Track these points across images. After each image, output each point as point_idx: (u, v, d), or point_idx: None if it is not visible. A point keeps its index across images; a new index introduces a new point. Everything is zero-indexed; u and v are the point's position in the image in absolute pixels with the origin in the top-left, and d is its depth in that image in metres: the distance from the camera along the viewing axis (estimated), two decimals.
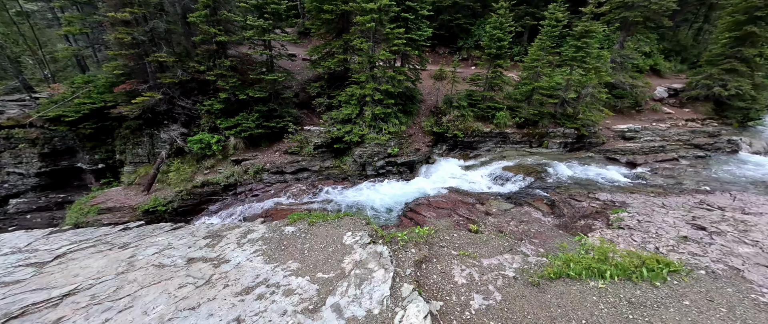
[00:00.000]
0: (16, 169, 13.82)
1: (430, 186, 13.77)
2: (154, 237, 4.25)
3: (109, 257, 3.80)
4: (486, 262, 4.65)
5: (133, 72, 13.90)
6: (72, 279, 3.31)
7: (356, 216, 5.47)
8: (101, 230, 4.51)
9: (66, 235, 4.42)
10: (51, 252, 3.88)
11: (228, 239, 4.07)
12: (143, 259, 3.64)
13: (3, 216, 13.89)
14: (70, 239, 4.31)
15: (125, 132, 14.84)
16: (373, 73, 14.50)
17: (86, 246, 4.05)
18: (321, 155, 14.57)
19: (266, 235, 4.15)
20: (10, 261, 3.62)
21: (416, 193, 13.09)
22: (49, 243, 4.25)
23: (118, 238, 4.25)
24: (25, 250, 4.04)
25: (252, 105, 14.69)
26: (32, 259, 3.78)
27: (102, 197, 13.28)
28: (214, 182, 13.24)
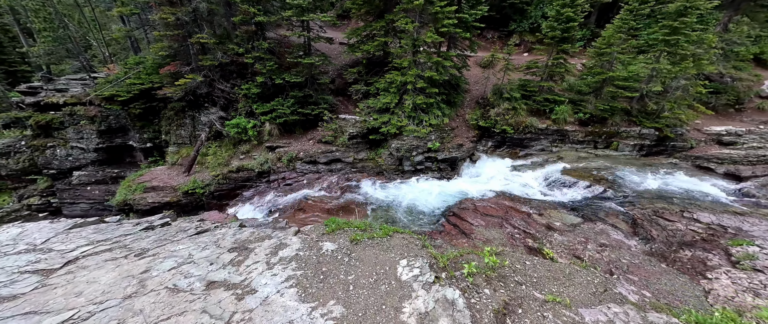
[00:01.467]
0: (78, 144, 14.88)
1: (473, 187, 12.30)
2: (175, 243, 3.50)
3: (121, 269, 3.03)
4: (588, 316, 3.34)
5: (177, 54, 14.02)
6: (72, 300, 2.54)
7: (407, 233, 4.43)
8: (123, 228, 3.93)
9: (86, 231, 3.90)
10: (63, 255, 3.31)
11: (256, 255, 3.19)
12: (157, 276, 2.79)
13: (68, 187, 15.17)
14: (88, 238, 3.76)
15: (169, 113, 15.23)
16: (416, 58, 13.09)
17: (102, 249, 3.45)
18: (355, 146, 13.72)
19: (301, 253, 3.23)
20: (20, 263, 3.11)
21: (459, 194, 11.73)
22: (67, 241, 3.71)
23: (138, 242, 3.57)
24: (40, 249, 3.50)
25: (288, 90, 14.17)
26: (41, 264, 3.17)
27: (148, 175, 13.81)
28: (248, 168, 13.07)
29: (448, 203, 11.09)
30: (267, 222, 7.72)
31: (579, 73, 16.80)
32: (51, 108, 14.60)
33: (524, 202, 10.45)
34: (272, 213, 11.39)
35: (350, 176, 12.79)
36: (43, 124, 14.56)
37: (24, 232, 3.86)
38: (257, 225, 6.59)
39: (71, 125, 14.74)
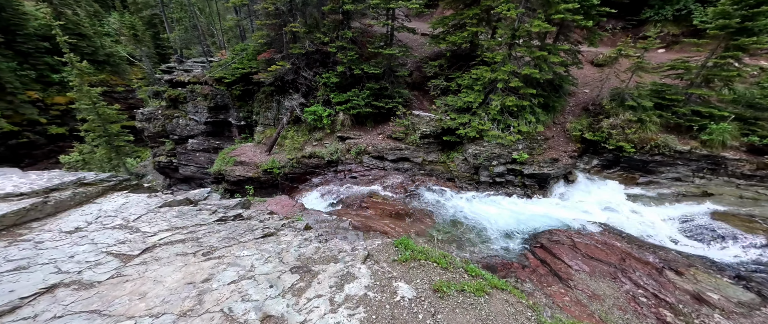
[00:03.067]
0: (194, 117, 17.82)
1: (567, 214, 9.90)
2: (240, 247, 3.12)
3: (186, 270, 2.64)
4: None
5: (273, 42, 15.22)
6: (134, 304, 2.19)
7: (509, 290, 3.28)
8: (200, 216, 3.83)
9: (171, 213, 3.92)
10: (145, 239, 3.24)
11: (319, 284, 2.54)
12: (216, 291, 2.31)
13: (183, 151, 18.44)
14: (170, 222, 3.73)
15: (261, 96, 16.83)
16: (512, 51, 11.09)
17: (177, 239, 3.30)
18: (426, 146, 12.65)
19: (371, 295, 2.48)
20: (110, 241, 3.12)
21: (546, 219, 9.59)
22: (153, 222, 3.72)
23: (209, 236, 3.30)
24: (130, 228, 3.52)
25: (364, 81, 13.94)
26: (125, 247, 3.08)
27: (239, 150, 15.58)
28: (319, 155, 13.41)
29: (533, 229, 9.12)
30: (330, 220, 7.43)
31: (755, 78, 11.92)
32: (179, 85, 17.78)
33: (648, 250, 7.75)
34: (336, 204, 11.38)
35: (417, 179, 11.85)
36: (173, 98, 17.88)
37: (126, 204, 4.13)
38: (322, 229, 6.27)
39: (191, 100, 17.69)
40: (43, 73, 29.40)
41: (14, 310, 2.29)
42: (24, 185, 3.86)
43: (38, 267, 2.77)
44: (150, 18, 30.99)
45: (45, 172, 4.49)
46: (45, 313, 2.31)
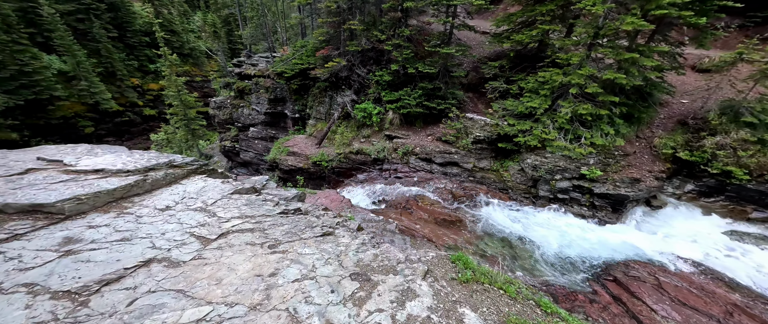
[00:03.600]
0: (256, 107, 19.42)
1: (649, 245, 8.40)
2: (302, 244, 3.15)
3: (255, 261, 2.72)
4: None
5: (331, 39, 15.74)
6: (212, 290, 2.33)
7: None
8: (265, 207, 3.98)
9: (241, 201, 4.14)
10: (220, 225, 3.43)
11: (380, 296, 2.39)
12: (282, 287, 2.39)
13: (245, 138, 20.26)
14: (240, 209, 3.92)
15: (315, 91, 17.59)
16: (593, 52, 9.73)
17: (247, 228, 3.43)
18: (478, 152, 11.88)
19: (434, 318, 2.31)
20: (192, 222, 3.35)
21: (622, 249, 8.25)
22: (227, 207, 3.93)
23: (273, 228, 3.38)
24: (208, 211, 3.76)
25: (417, 81, 13.62)
26: (204, 230, 3.27)
27: (292, 141, 16.55)
28: (366, 152, 13.53)
29: (602, 258, 7.91)
30: (377, 220, 7.35)
31: None
32: (246, 78, 19.51)
33: (765, 301, 6.14)
34: (379, 202, 11.35)
35: (466, 186, 11.19)
36: (240, 89, 19.71)
37: (205, 188, 4.50)
38: (370, 228, 6.21)
39: (254, 92, 19.30)
40: (143, 64, 35.02)
41: (120, 279, 2.57)
42: (130, 163, 4.47)
43: (138, 240, 3.12)
44: (226, 16, 34.70)
45: (145, 153, 5.15)
46: (142, 285, 2.55)
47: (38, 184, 3.55)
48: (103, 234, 3.14)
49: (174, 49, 33.55)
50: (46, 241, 2.90)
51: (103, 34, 29.60)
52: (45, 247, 2.81)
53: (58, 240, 2.95)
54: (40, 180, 3.68)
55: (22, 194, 3.33)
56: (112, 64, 30.94)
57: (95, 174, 4.08)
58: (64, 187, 3.56)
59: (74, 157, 4.39)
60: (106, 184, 3.91)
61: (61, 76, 26.62)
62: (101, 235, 3.11)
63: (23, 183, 3.56)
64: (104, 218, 3.44)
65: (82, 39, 28.45)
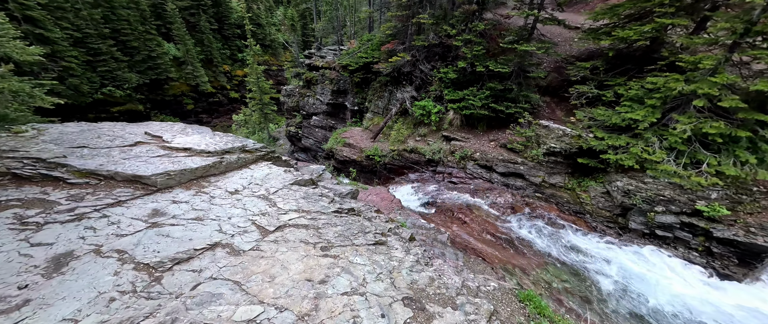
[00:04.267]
0: (320, 97, 20.47)
1: None
2: (354, 252, 2.95)
3: (307, 263, 2.56)
4: None
5: (398, 33, 15.48)
6: (265, 288, 2.44)
7: None
8: (321, 203, 3.90)
9: (299, 193, 4.15)
10: (279, 216, 3.44)
11: None
12: (331, 299, 2.35)
13: (307, 125, 21.62)
14: (297, 202, 3.92)
15: (376, 85, 17.64)
16: (736, 54, 7.39)
17: (302, 223, 3.38)
18: (550, 165, 10.32)
19: None
20: (254, 210, 3.40)
21: (748, 318, 6.18)
22: (286, 198, 3.98)
23: (327, 228, 3.24)
24: (269, 200, 3.83)
25: (485, 80, 12.45)
26: (264, 220, 3.30)
27: (349, 133, 16.98)
28: (420, 152, 13.03)
29: None
30: (428, 227, 6.88)
31: None
32: (314, 69, 20.65)
33: None
34: (429, 205, 10.81)
35: (532, 203, 9.84)
36: (308, 80, 21.00)
37: (269, 175, 4.65)
38: (420, 235, 5.79)
39: (320, 83, 20.33)
40: (234, 52, 40.28)
41: (189, 259, 2.71)
42: (211, 145, 4.91)
43: (209, 221, 3.31)
44: (303, 11, 37.42)
45: (224, 136, 5.64)
46: (205, 270, 2.63)
47: (141, 157, 4.08)
48: (182, 210, 3.40)
49: (258, 41, 37.76)
50: (139, 210, 3.26)
51: (207, 26, 34.81)
52: (138, 216, 3.13)
53: (148, 211, 3.29)
54: (144, 153, 4.23)
55: (129, 165, 3.84)
56: (211, 52, 36.33)
57: (184, 152, 4.55)
58: (159, 162, 4.02)
59: (171, 134, 4.98)
60: (191, 162, 4.31)
61: (174, 61, 32.33)
62: (181, 211, 3.37)
63: (131, 154, 4.13)
64: (185, 195, 3.77)
65: (192, 30, 33.95)
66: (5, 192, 3.30)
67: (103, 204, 3.26)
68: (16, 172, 3.53)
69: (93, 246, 2.65)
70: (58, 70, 21.76)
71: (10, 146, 3.98)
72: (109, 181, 3.68)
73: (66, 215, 3.04)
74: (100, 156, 3.96)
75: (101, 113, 26.66)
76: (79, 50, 23.63)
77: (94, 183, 3.63)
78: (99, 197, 3.35)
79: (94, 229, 2.93)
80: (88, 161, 3.81)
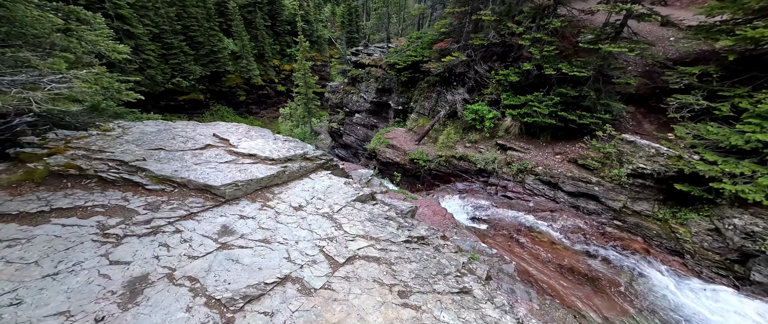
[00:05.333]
0: (363, 95, 20.17)
1: None
2: (437, 303, 2.47)
3: (386, 314, 2.42)
4: None
5: (453, 31, 14.39)
6: None
7: None
8: (389, 228, 3.46)
9: (364, 212, 3.63)
10: (346, 243, 2.93)
11: None
12: None
13: (349, 122, 21.51)
14: (364, 225, 3.43)
15: (423, 85, 16.77)
16: None
17: (372, 254, 2.87)
18: (636, 189, 8.64)
19: None
20: (320, 232, 2.92)
21: None
22: (351, 219, 3.48)
23: (401, 264, 2.78)
24: (334, 220, 3.29)
25: (554, 84, 10.92)
26: (332, 247, 2.77)
27: (392, 134, 16.40)
28: (471, 160, 11.95)
29: None
30: (490, 253, 5.99)
31: None
32: (360, 66, 20.38)
33: None
34: (480, 221, 9.80)
35: (609, 232, 8.32)
36: (353, 77, 20.82)
37: (330, 187, 4.20)
38: (482, 257, 4.96)
39: (365, 81, 20.01)
40: (283, 48, 42.04)
41: (260, 297, 2.30)
42: (274, 151, 4.63)
43: (276, 245, 2.93)
44: (350, 8, 37.58)
45: (285, 141, 5.36)
46: (277, 314, 2.19)
47: (211, 162, 3.88)
48: (250, 228, 3.05)
49: (306, 37, 38.84)
50: (209, 225, 2.98)
51: (261, 23, 36.63)
52: (208, 233, 2.84)
53: (217, 227, 3.00)
54: (213, 158, 4.04)
55: (200, 172, 3.64)
56: (263, 48, 38.27)
57: (249, 158, 4.29)
58: (227, 169, 3.78)
59: (237, 138, 4.79)
60: (256, 171, 4.01)
61: (231, 55, 34.61)
62: (248, 230, 3.02)
63: (202, 158, 3.96)
64: (252, 208, 3.46)
65: (248, 26, 35.98)
66: (92, 196, 3.29)
67: (176, 216, 3.07)
68: (102, 175, 3.54)
69: (166, 270, 2.39)
70: (139, 62, 24.43)
71: (99, 146, 4.06)
72: (182, 189, 3.53)
73: (143, 227, 2.88)
74: (175, 160, 3.88)
75: (170, 101, 29.55)
76: (156, 44, 26.23)
77: (169, 190, 3.50)
78: (173, 207, 3.20)
79: (167, 246, 2.71)
80: (164, 165, 3.72)
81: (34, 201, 3.18)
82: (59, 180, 3.56)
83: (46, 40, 5.82)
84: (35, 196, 3.28)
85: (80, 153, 3.85)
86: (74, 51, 6.61)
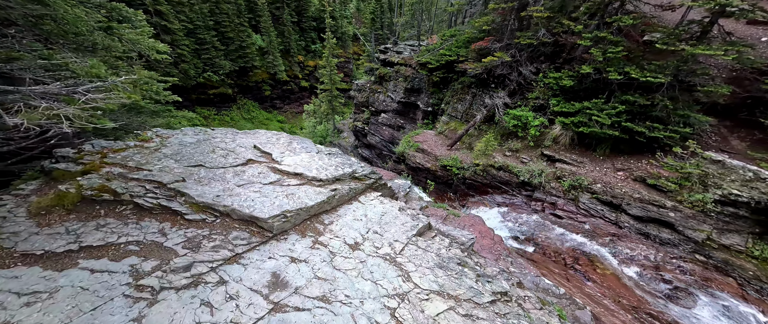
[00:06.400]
0: (391, 95, 19.26)
1: None
2: None
3: None
4: None
5: (495, 29, 13.11)
6: None
7: None
8: (466, 281, 2.68)
9: (430, 255, 2.97)
10: (420, 301, 2.38)
11: None
12: None
13: (374, 122, 20.72)
14: (435, 274, 3.05)
15: (457, 86, 15.61)
16: None
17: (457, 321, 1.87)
18: (724, 219, 7.22)
19: None
20: (387, 286, 2.36)
21: None
22: (417, 262, 2.81)
23: None
24: (398, 265, 2.58)
25: (615, 90, 9.52)
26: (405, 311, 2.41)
27: (421, 136, 15.43)
28: (512, 170, 10.79)
29: None
30: (558, 294, 5.00)
31: None
32: (389, 65, 19.44)
33: None
34: (525, 242, 8.72)
35: (690, 269, 6.99)
36: (381, 75, 19.94)
37: (384, 215, 3.44)
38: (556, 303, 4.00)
39: (393, 80, 19.07)
40: (308, 44, 41.80)
41: None
42: (321, 169, 3.92)
43: (337, 304, 2.23)
44: (375, 7, 36.49)
45: (330, 156, 4.63)
46: None
47: (254, 183, 3.23)
48: (304, 278, 2.36)
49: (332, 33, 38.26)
50: (257, 274, 2.31)
51: (288, 19, 36.44)
52: (256, 286, 2.16)
53: (267, 276, 2.32)
54: (256, 177, 3.39)
55: (244, 197, 2.99)
56: (289, 43, 38.17)
57: (295, 178, 3.61)
58: (272, 193, 3.11)
59: (279, 151, 4.12)
60: (305, 196, 3.32)
61: (258, 50, 34.72)
62: (303, 280, 2.33)
63: (245, 178, 3.32)
64: (303, 246, 2.76)
65: (275, 22, 35.91)
66: (126, 228, 2.73)
67: (219, 258, 2.44)
68: (138, 202, 2.98)
69: None
70: (174, 57, 24.86)
71: (136, 161, 3.53)
72: (224, 220, 2.91)
73: (182, 276, 2.27)
74: (216, 180, 3.27)
75: (201, 95, 30.09)
76: (190, 40, 26.60)
77: (210, 220, 2.89)
78: (215, 245, 2.57)
79: (210, 306, 2.07)
80: (205, 188, 3.12)
81: (62, 235, 2.66)
82: (92, 206, 3.03)
83: (88, 38, 5.39)
84: (64, 227, 2.75)
85: (116, 171, 3.32)
86: (114, 50, 6.21)
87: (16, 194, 3.21)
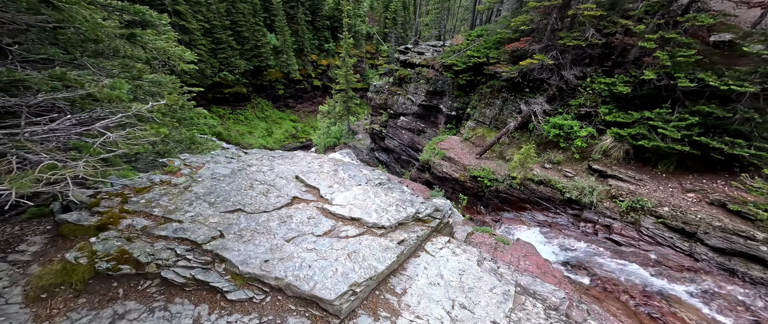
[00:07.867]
0: (412, 97, 18.15)
1: None
2: None
3: None
4: None
5: (534, 30, 11.83)
6: None
7: None
8: None
9: None
10: None
11: None
12: None
13: (393, 126, 19.68)
14: None
15: (485, 90, 14.39)
16: None
17: None
18: None
19: None
20: None
21: None
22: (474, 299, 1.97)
23: None
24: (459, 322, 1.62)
25: (680, 99, 8.22)
26: None
27: (446, 143, 14.30)
28: (555, 186, 9.62)
29: None
30: None
31: None
32: (409, 66, 18.31)
33: None
34: (574, 269, 7.59)
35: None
36: (401, 77, 18.82)
37: (462, 273, 2.62)
38: None
39: (414, 82, 17.94)
40: (321, 43, 40.86)
41: None
42: (380, 210, 2.95)
43: None
44: (406, 3, 35.18)
45: (386, 188, 3.68)
46: None
47: (306, 236, 2.33)
48: None
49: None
50: None
51: (302, 18, 35.55)
52: None
53: None
54: (306, 223, 2.49)
55: (297, 262, 2.04)
56: (303, 43, 37.31)
57: (352, 224, 2.67)
58: (330, 251, 2.21)
59: (326, 184, 3.17)
60: (370, 255, 2.40)
61: (272, 50, 34.00)
62: None
63: (293, 227, 2.42)
64: None
65: (289, 22, 35.07)
66: (151, 318, 1.83)
67: None
68: (166, 276, 2.10)
69: None
70: None
71: (163, 207, 2.68)
72: (276, 298, 2.04)
73: None
74: (260, 233, 2.40)
75: (216, 94, 29.55)
76: (207, 39, 26.00)
77: (258, 299, 2.01)
78: None
79: None
80: (249, 248, 2.26)
81: None
82: (108, 284, 2.18)
83: (109, 45, 4.49)
84: (69, 321, 1.87)
85: (139, 224, 2.47)
86: (139, 59, 5.32)
87: (13, 262, 2.36)
